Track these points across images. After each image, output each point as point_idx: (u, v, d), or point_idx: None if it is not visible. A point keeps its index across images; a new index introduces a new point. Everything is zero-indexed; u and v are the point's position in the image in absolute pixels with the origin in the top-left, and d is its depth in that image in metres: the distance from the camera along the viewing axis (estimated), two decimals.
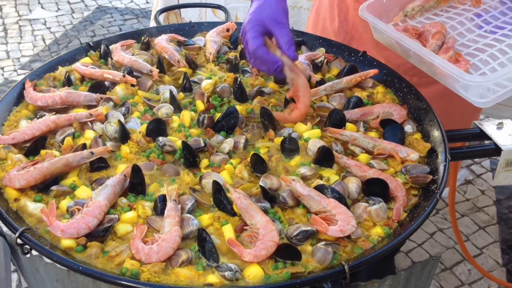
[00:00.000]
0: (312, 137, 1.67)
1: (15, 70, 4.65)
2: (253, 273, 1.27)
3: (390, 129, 1.70)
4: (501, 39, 1.72)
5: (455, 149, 1.69)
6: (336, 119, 1.72)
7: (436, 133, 1.69)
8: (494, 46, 1.71)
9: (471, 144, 1.96)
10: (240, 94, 1.83)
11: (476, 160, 3.70)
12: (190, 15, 3.10)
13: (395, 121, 1.73)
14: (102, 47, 2.04)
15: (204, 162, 1.58)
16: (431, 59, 1.64)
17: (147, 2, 5.77)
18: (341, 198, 1.44)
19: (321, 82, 1.91)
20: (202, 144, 1.61)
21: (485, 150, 1.79)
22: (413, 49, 1.69)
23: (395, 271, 3.01)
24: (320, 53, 2.07)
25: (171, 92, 1.79)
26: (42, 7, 5.66)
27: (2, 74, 4.58)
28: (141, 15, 5.51)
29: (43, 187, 1.46)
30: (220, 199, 1.43)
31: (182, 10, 2.93)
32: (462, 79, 1.56)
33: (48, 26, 5.35)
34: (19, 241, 1.29)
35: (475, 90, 1.56)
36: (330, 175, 1.55)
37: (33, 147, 1.57)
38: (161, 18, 2.90)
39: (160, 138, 1.60)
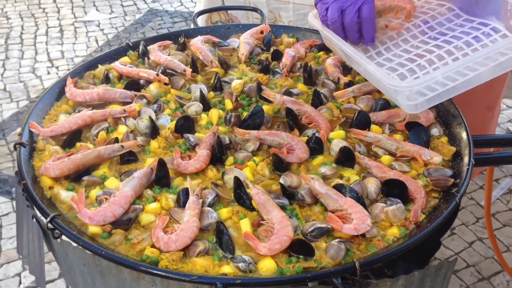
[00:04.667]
0: (336, 138, 1.70)
1: (68, 70, 4.87)
2: (266, 266, 1.31)
3: (415, 131, 1.71)
4: (441, 45, 1.70)
5: (481, 154, 1.67)
6: (361, 121, 1.74)
7: (462, 137, 1.68)
8: (433, 52, 1.69)
9: (506, 149, 1.93)
10: None
11: None
12: (236, 12, 3.16)
13: (421, 124, 1.72)
14: (141, 47, 2.13)
15: (230, 160, 1.63)
16: (365, 65, 1.65)
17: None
18: (358, 197, 1.46)
19: (349, 84, 1.93)
20: (227, 141, 1.67)
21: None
22: (351, 55, 1.70)
23: None
24: None
25: (201, 90, 1.86)
26: (97, 10, 5.91)
27: (57, 73, 4.81)
28: (190, 18, 5.65)
29: (75, 177, 1.56)
30: (240, 194, 1.48)
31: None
32: (389, 84, 1.56)
33: (101, 28, 5.58)
34: (50, 225, 1.38)
35: (403, 94, 1.56)
36: (351, 175, 1.57)
37: (69, 140, 1.68)
38: (203, 18, 2.98)
39: (191, 138, 1.67)
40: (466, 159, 1.59)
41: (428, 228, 1.37)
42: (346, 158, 1.60)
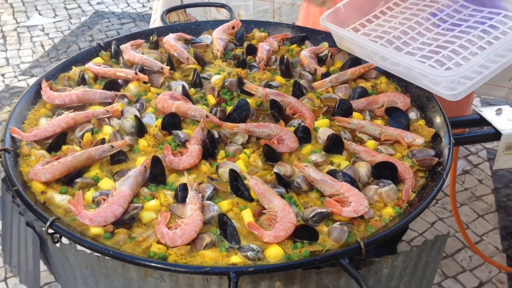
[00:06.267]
0: (321, 127, 1.75)
1: (15, 77, 4.70)
2: (274, 253, 1.34)
3: (395, 116, 1.78)
4: (459, 35, 1.80)
5: (457, 135, 1.76)
6: (343, 109, 1.80)
7: (439, 119, 1.76)
8: (454, 42, 1.78)
9: (472, 129, 2.05)
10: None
11: (473, 150, 3.79)
12: (194, 12, 3.17)
13: (399, 108, 1.80)
14: (113, 47, 2.10)
15: (221, 153, 1.64)
16: (399, 60, 1.73)
17: (144, 6, 5.84)
18: (352, 181, 1.51)
19: (326, 74, 1.99)
20: (217, 136, 1.68)
21: (486, 135, 1.87)
22: (379, 52, 1.76)
23: None
24: (324, 47, 2.15)
25: (183, 86, 1.86)
26: (40, 14, 5.72)
27: (3, 81, 4.62)
28: (138, 19, 5.57)
29: (67, 180, 1.53)
30: (238, 186, 1.50)
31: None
32: (433, 75, 1.64)
33: (46, 32, 5.40)
34: (50, 230, 1.35)
35: (444, 84, 1.64)
36: (341, 161, 1.62)
37: (55, 143, 1.64)
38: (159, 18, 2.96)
39: (181, 134, 1.67)
40: (445, 139, 1.68)
41: (423, 204, 1.44)
42: (334, 145, 1.65)
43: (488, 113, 1.88)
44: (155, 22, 3.14)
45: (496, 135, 1.82)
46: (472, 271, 2.95)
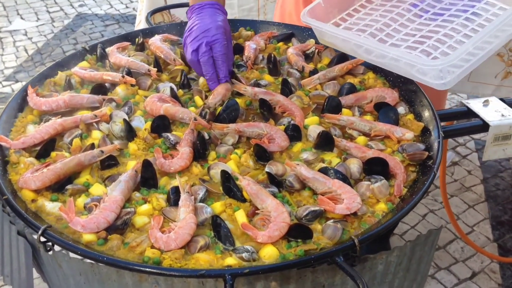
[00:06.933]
0: (310, 124, 1.75)
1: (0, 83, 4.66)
2: (269, 253, 1.33)
3: (384, 111, 1.78)
4: (443, 24, 1.80)
5: (446, 127, 1.77)
6: (332, 106, 1.80)
7: (427, 113, 1.77)
8: (439, 31, 1.78)
9: (460, 121, 2.05)
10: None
11: (461, 141, 3.82)
12: (179, 12, 3.15)
13: (388, 103, 1.81)
14: (99, 50, 2.08)
15: (212, 155, 1.64)
16: (386, 51, 1.72)
17: (127, 7, 5.80)
18: (344, 178, 1.51)
19: (314, 72, 1.98)
20: (207, 137, 1.67)
21: (474, 127, 1.87)
22: (364, 44, 1.76)
23: None
24: (311, 44, 2.15)
25: (171, 88, 1.85)
26: (22, 18, 5.66)
27: None
28: (122, 20, 5.53)
29: (57, 187, 1.51)
30: (230, 187, 1.50)
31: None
32: (421, 64, 1.63)
33: (29, 37, 5.35)
34: (42, 238, 1.34)
35: (433, 73, 1.63)
36: (332, 158, 1.63)
37: (43, 150, 1.62)
38: (144, 19, 2.94)
39: (171, 137, 1.66)
40: (434, 133, 1.69)
41: (415, 199, 1.44)
42: (324, 142, 1.65)
43: (476, 104, 1.89)
44: (140, 23, 3.12)
45: (484, 126, 1.83)
46: (465, 262, 2.98)
